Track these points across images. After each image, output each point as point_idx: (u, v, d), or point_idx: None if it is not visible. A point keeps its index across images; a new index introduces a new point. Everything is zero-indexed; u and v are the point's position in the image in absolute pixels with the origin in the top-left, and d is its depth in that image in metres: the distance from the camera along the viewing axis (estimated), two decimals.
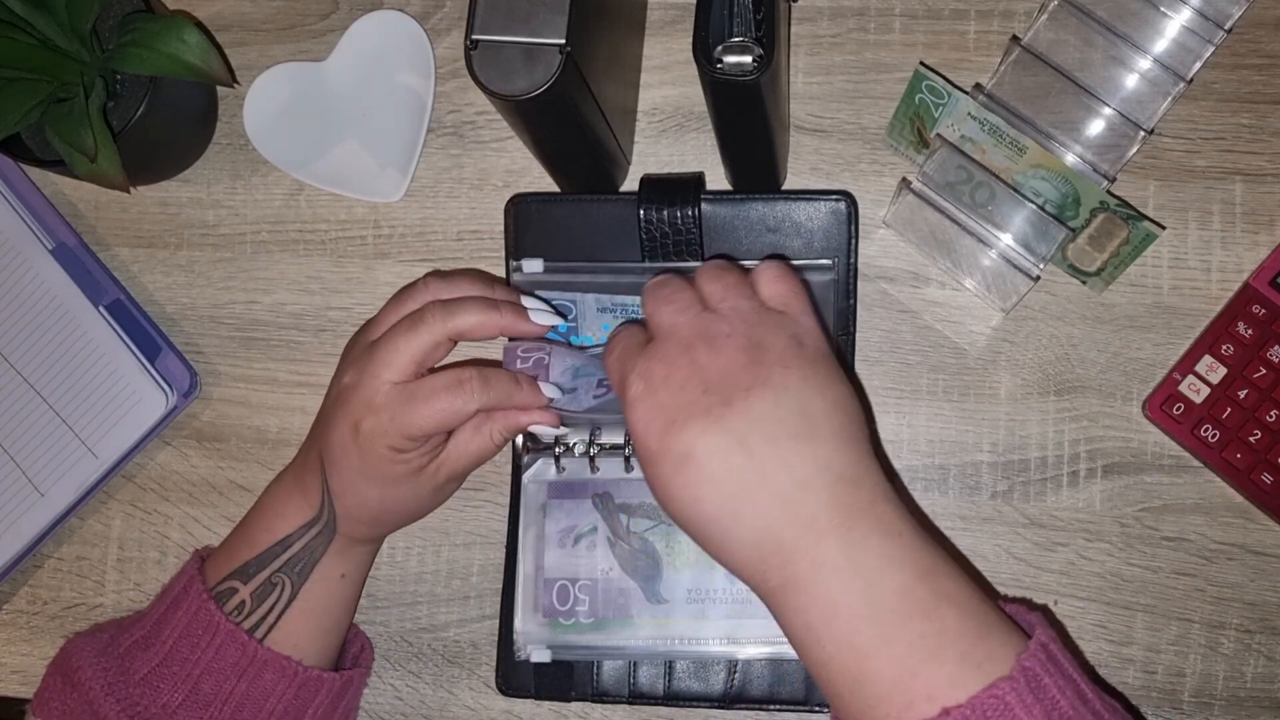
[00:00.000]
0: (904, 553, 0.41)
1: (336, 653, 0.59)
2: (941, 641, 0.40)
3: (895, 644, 0.40)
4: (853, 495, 0.42)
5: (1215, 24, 0.57)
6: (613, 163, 0.61)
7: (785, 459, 0.42)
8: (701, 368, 0.43)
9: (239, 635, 0.53)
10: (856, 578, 0.41)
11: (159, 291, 0.68)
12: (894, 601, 0.40)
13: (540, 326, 0.54)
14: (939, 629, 0.40)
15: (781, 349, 0.45)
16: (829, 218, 0.59)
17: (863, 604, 0.40)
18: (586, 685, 0.60)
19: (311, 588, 0.55)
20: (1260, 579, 0.59)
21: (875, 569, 0.41)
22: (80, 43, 0.60)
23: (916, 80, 0.56)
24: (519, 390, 0.53)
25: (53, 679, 0.55)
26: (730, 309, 0.46)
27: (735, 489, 0.42)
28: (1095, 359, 0.61)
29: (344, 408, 0.52)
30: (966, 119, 0.56)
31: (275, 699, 0.54)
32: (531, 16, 0.50)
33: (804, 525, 0.41)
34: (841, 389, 0.45)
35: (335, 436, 0.53)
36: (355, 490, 0.54)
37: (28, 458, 0.65)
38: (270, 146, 0.66)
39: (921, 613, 0.40)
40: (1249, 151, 0.61)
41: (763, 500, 0.42)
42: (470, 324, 0.52)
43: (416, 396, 0.51)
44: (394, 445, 0.52)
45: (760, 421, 0.42)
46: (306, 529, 0.55)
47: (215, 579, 0.55)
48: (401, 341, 0.52)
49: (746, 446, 0.42)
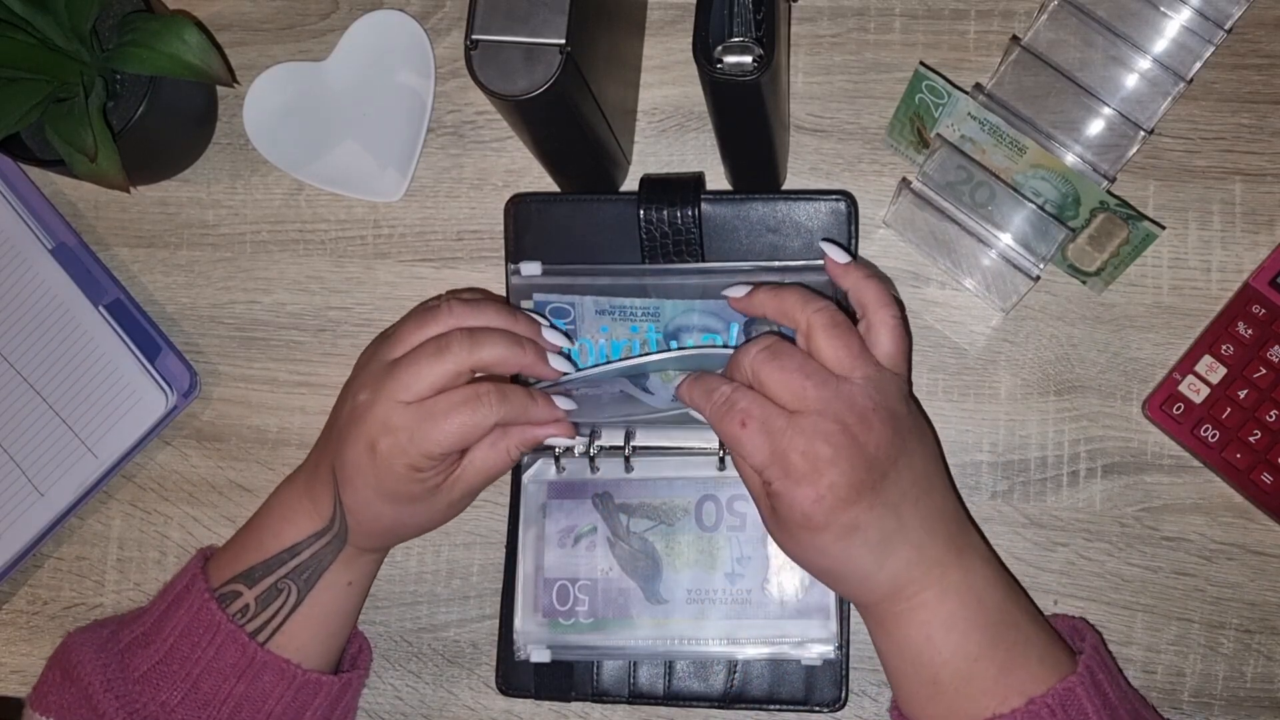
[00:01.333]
0: (997, 574, 0.51)
1: (338, 656, 0.59)
2: (1027, 646, 0.49)
3: (998, 648, 0.49)
4: (961, 531, 0.51)
5: (1215, 24, 0.57)
6: (613, 163, 0.61)
7: (922, 517, 0.49)
8: (861, 446, 0.48)
9: (239, 636, 0.53)
10: (970, 596, 0.49)
11: (159, 291, 0.68)
12: (996, 614, 0.50)
13: (559, 372, 0.54)
14: (1025, 636, 0.50)
15: (906, 415, 0.50)
16: (829, 218, 0.59)
17: (976, 616, 0.49)
18: (586, 685, 0.60)
19: (318, 595, 0.55)
20: (1260, 579, 0.59)
21: (982, 589, 0.50)
22: (80, 43, 0.60)
23: (916, 80, 0.56)
24: (534, 405, 0.53)
25: (52, 673, 0.55)
26: (863, 378, 0.49)
27: (885, 548, 0.49)
28: (1095, 359, 0.61)
29: (359, 426, 0.52)
30: (966, 119, 0.56)
31: (274, 701, 0.54)
32: (531, 16, 0.50)
33: (932, 563, 0.49)
34: (932, 435, 0.53)
35: (350, 455, 0.52)
36: (370, 508, 0.53)
37: (28, 458, 0.65)
38: (270, 146, 0.66)
39: (1013, 623, 0.50)
40: (1249, 151, 0.61)
41: (903, 552, 0.49)
42: (494, 358, 0.52)
43: (434, 414, 0.51)
44: (413, 464, 0.51)
45: (906, 490, 0.49)
46: (316, 538, 0.55)
47: (219, 581, 0.55)
48: (425, 368, 0.51)
49: (898, 514, 0.49)
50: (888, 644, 0.51)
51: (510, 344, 0.52)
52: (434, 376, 0.51)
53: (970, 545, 0.51)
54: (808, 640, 0.58)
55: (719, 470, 0.59)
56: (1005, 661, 0.49)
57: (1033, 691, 0.48)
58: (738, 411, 0.49)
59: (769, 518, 0.51)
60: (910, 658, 0.50)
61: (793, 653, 0.58)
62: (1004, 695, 0.48)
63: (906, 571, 0.49)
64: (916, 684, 0.50)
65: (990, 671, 0.48)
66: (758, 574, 0.58)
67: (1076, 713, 0.47)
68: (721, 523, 0.59)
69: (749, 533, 0.59)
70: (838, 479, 0.47)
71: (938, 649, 0.49)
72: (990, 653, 0.49)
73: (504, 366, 0.52)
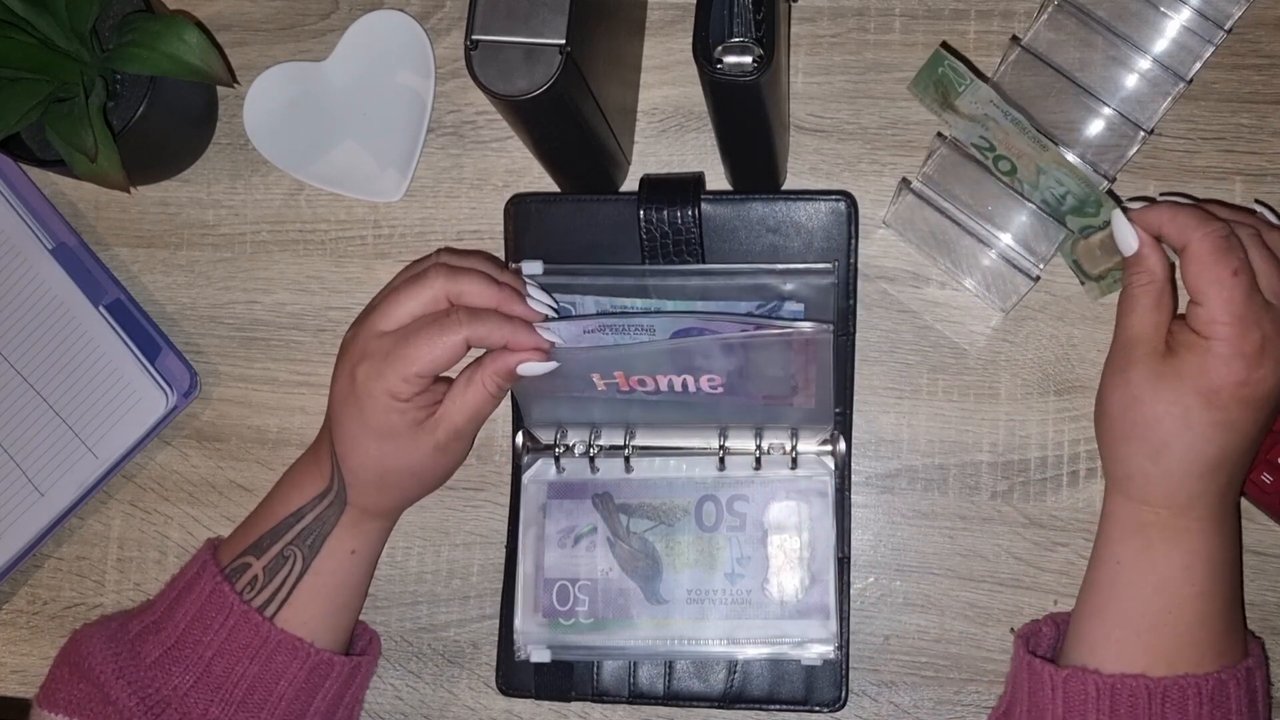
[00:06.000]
0: (1238, 535, 0.54)
1: (347, 639, 0.59)
2: (1238, 610, 0.53)
3: (1235, 604, 0.52)
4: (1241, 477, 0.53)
5: (1215, 24, 0.57)
6: (613, 163, 0.61)
7: (1246, 463, 0.52)
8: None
9: (252, 616, 0.54)
10: (1232, 544, 0.52)
11: (159, 291, 0.68)
12: (1236, 573, 0.53)
13: (539, 315, 0.55)
14: (1239, 599, 0.53)
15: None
16: (829, 218, 0.59)
17: (1230, 563, 0.52)
18: (586, 685, 0.60)
19: (323, 562, 0.56)
20: (1260, 579, 0.59)
21: (1233, 542, 0.52)
22: (80, 43, 0.60)
23: (936, 59, 0.55)
24: (507, 327, 0.53)
25: (60, 669, 0.55)
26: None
27: (1220, 462, 0.50)
28: (1095, 359, 0.61)
29: (343, 360, 0.55)
30: (989, 104, 0.55)
31: (286, 682, 0.54)
32: (531, 16, 0.50)
33: (1229, 503, 0.52)
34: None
35: (336, 391, 0.55)
36: (357, 445, 0.54)
37: (28, 458, 0.65)
38: (270, 146, 0.66)
39: (1240, 584, 0.54)
40: (1249, 151, 0.61)
41: (1223, 478, 0.51)
42: (473, 288, 0.53)
43: (407, 335, 0.52)
44: (390, 390, 0.52)
45: (1259, 435, 0.51)
46: (319, 500, 0.56)
47: (229, 558, 0.56)
48: (404, 297, 0.53)
49: (1250, 447, 0.51)
50: (1140, 558, 0.51)
51: (490, 280, 0.53)
52: (413, 304, 0.53)
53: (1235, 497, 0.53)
54: (808, 640, 0.58)
55: (719, 470, 0.59)
56: (1234, 617, 0.52)
57: (1241, 659, 0.50)
58: (1237, 258, 0.49)
59: (1146, 356, 0.50)
60: (1156, 581, 0.50)
61: (792, 653, 0.58)
62: (1226, 651, 0.50)
63: (1214, 496, 0.50)
64: (1144, 611, 0.50)
65: (1227, 619, 0.51)
66: (758, 574, 0.58)
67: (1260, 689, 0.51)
68: (721, 523, 0.59)
69: (749, 533, 0.59)
70: (1267, 378, 0.49)
71: (1191, 581, 0.50)
72: (1227, 606, 0.51)
73: (482, 297, 0.53)
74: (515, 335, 0.53)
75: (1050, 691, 0.51)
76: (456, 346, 0.52)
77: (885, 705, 0.60)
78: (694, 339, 0.54)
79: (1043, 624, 0.56)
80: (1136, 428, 0.51)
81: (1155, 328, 0.51)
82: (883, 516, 0.61)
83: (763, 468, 0.59)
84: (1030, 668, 0.52)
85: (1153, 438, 0.50)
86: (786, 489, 0.59)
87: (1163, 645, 0.50)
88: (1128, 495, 0.52)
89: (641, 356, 0.55)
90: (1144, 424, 0.50)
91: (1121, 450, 0.52)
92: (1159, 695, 0.49)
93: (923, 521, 0.61)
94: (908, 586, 0.61)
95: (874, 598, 0.61)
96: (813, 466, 0.59)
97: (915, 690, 0.60)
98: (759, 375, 0.55)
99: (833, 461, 0.59)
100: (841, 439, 0.59)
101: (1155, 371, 0.50)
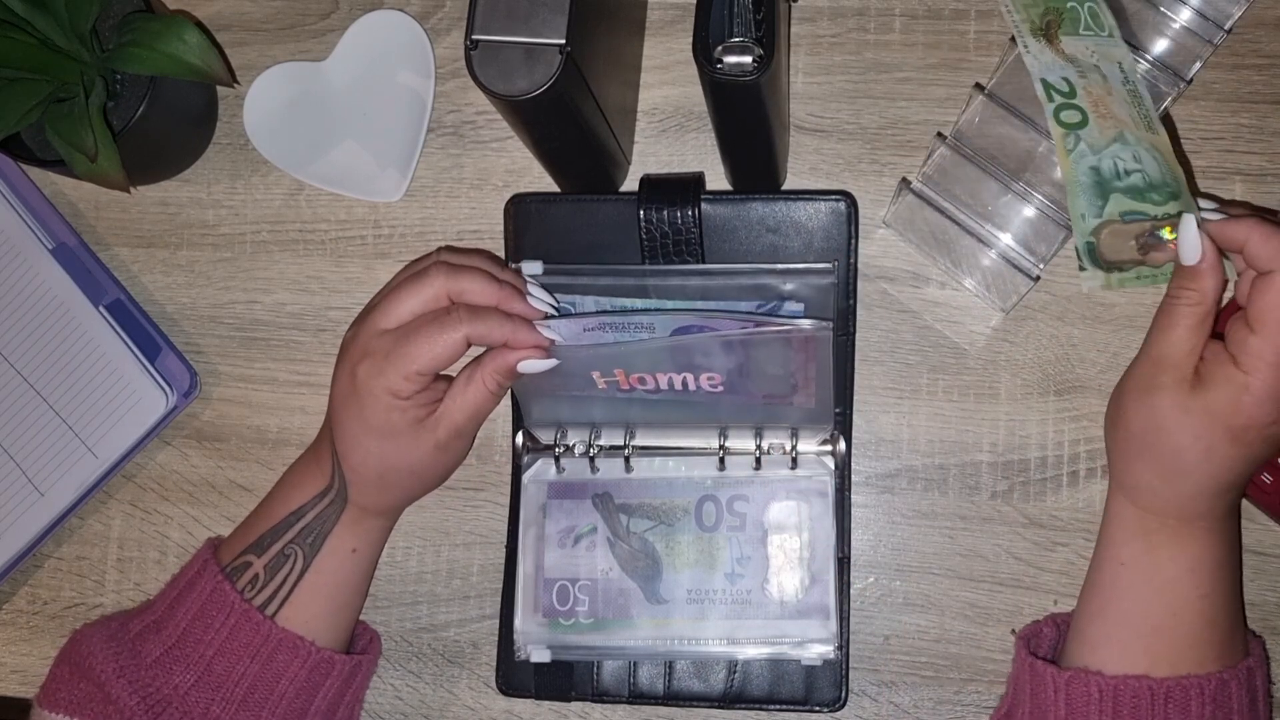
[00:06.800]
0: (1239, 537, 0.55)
1: (348, 638, 0.59)
2: (1239, 610, 0.54)
3: (1236, 605, 0.53)
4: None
5: (1215, 24, 0.57)
6: (613, 163, 0.61)
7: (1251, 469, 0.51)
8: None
9: (253, 615, 0.54)
10: (1234, 546, 0.53)
11: (159, 291, 0.68)
12: (1237, 577, 0.53)
13: (538, 312, 0.54)
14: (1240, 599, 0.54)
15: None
16: (829, 218, 0.59)
17: (1232, 565, 0.52)
18: (586, 685, 0.60)
19: (323, 561, 0.56)
20: (1260, 579, 0.59)
21: (1236, 544, 0.53)
22: (80, 43, 0.60)
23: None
24: (508, 324, 0.53)
25: (61, 668, 0.55)
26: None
27: (1230, 483, 0.50)
28: (1095, 359, 0.61)
29: (344, 359, 0.54)
30: (1115, 65, 0.52)
31: (287, 680, 0.54)
32: (531, 16, 0.50)
33: (1232, 510, 0.52)
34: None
35: (336, 390, 0.55)
36: (358, 444, 0.54)
37: (28, 458, 0.65)
38: (270, 146, 0.66)
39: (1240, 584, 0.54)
40: (1249, 151, 0.61)
41: (1232, 496, 0.51)
42: (474, 286, 0.53)
43: (407, 334, 0.52)
44: (391, 388, 0.52)
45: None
46: (320, 498, 0.56)
47: (230, 557, 0.56)
48: (405, 296, 0.53)
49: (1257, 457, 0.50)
50: (1144, 560, 0.51)
51: (490, 278, 0.53)
52: (413, 303, 0.53)
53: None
54: (808, 640, 0.58)
55: (719, 470, 0.59)
56: (1238, 618, 0.52)
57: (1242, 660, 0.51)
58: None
59: (1175, 384, 0.49)
60: (1160, 584, 0.51)
61: (792, 653, 0.58)
62: (1238, 644, 0.51)
63: (1222, 508, 0.51)
64: (1148, 613, 0.51)
65: (1231, 620, 0.51)
66: (758, 574, 0.58)
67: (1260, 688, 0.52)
68: (721, 523, 0.59)
69: (749, 533, 0.59)
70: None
71: (1199, 584, 0.50)
72: (1234, 608, 0.52)
73: (483, 295, 0.53)
74: (516, 333, 0.53)
75: (1053, 693, 0.51)
76: (457, 344, 0.52)
77: (885, 705, 0.60)
78: (694, 336, 0.54)
79: (1043, 625, 0.56)
80: (1155, 450, 0.50)
81: (1190, 352, 0.49)
82: (883, 516, 0.61)
83: (763, 468, 0.59)
84: (1033, 670, 0.52)
85: (1171, 465, 0.50)
86: (786, 489, 0.59)
87: (1166, 647, 0.50)
88: (1134, 502, 0.52)
89: (641, 354, 0.55)
90: (1166, 452, 0.50)
91: (1135, 465, 0.51)
92: (1162, 696, 0.49)
93: (923, 521, 0.61)
94: (908, 586, 0.61)
95: (874, 598, 0.61)
96: (813, 466, 0.59)
97: (915, 690, 0.60)
98: (759, 374, 0.55)
99: (833, 461, 0.59)
100: (841, 439, 0.59)
101: (1184, 405, 0.49)
